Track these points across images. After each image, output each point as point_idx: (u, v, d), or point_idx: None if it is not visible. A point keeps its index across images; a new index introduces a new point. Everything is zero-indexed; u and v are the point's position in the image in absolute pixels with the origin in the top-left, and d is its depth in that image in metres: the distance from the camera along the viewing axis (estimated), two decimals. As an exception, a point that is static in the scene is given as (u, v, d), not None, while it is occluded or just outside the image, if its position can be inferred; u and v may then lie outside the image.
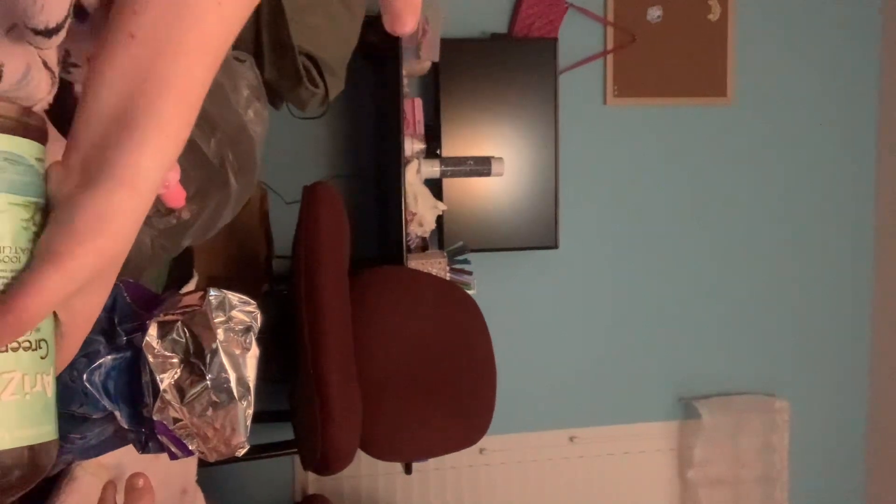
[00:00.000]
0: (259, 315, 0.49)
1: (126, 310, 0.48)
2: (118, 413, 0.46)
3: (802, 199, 2.65)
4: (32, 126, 0.35)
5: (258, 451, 1.86)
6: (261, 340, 0.48)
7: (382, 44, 2.04)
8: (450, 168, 2.07)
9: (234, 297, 0.47)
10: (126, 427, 0.47)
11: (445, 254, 2.05)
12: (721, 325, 2.63)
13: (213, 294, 0.46)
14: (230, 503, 2.27)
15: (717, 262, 2.61)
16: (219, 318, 0.46)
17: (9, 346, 0.32)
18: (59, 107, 0.43)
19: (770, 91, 2.59)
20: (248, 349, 0.47)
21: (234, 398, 0.46)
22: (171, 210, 0.69)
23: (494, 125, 2.23)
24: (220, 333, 0.45)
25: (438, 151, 2.18)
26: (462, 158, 2.09)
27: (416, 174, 2.01)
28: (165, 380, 0.44)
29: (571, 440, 2.53)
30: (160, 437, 0.46)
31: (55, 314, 0.36)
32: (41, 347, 0.34)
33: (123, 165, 0.32)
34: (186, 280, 1.19)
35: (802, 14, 2.59)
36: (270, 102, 1.39)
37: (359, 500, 2.36)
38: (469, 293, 1.92)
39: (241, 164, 0.78)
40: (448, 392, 1.76)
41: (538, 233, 2.27)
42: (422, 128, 2.10)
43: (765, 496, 2.61)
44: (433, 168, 2.05)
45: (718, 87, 2.53)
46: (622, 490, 2.58)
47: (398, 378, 1.71)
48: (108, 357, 0.46)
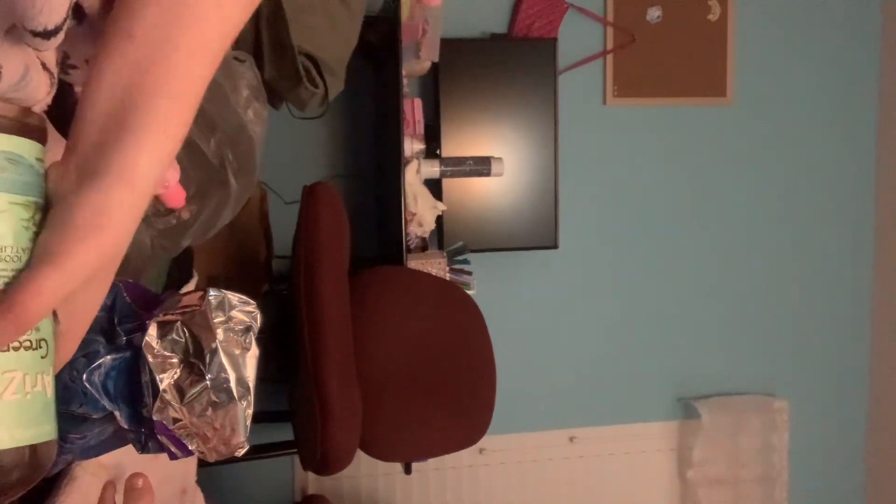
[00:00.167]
0: (259, 315, 0.49)
1: (126, 310, 0.48)
2: (118, 413, 0.46)
3: (802, 199, 2.65)
4: (32, 126, 0.35)
5: (258, 452, 1.86)
6: (260, 340, 0.48)
7: (382, 44, 2.04)
8: (449, 168, 2.07)
9: (234, 297, 0.47)
10: (126, 427, 0.47)
11: (445, 254, 2.05)
12: (721, 325, 2.63)
13: (213, 294, 0.46)
14: (230, 503, 2.27)
15: (717, 262, 2.61)
16: (218, 318, 0.46)
17: (10, 346, 0.32)
18: (59, 108, 0.43)
19: (770, 91, 2.59)
20: (248, 349, 0.47)
21: (234, 398, 0.46)
22: (171, 210, 0.69)
23: (494, 125, 2.23)
24: (220, 333, 0.45)
25: (438, 151, 2.18)
26: (462, 158, 2.09)
27: (416, 174, 2.01)
28: (165, 380, 0.44)
29: (571, 440, 2.53)
30: (160, 437, 0.46)
31: (54, 313, 0.36)
32: (41, 347, 0.34)
33: (121, 163, 0.33)
34: (186, 280, 1.19)
35: (802, 14, 2.59)
36: (270, 102, 1.39)
37: (358, 500, 2.36)
38: (469, 293, 1.92)
39: (241, 164, 0.78)
40: (448, 392, 1.76)
41: (538, 233, 2.27)
42: (421, 128, 2.10)
43: (764, 496, 2.61)
44: (433, 168, 2.05)
45: (718, 88, 2.53)
46: (622, 490, 2.58)
47: (398, 378, 1.71)
48: (108, 357, 0.46)
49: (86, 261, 0.32)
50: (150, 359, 0.44)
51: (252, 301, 0.48)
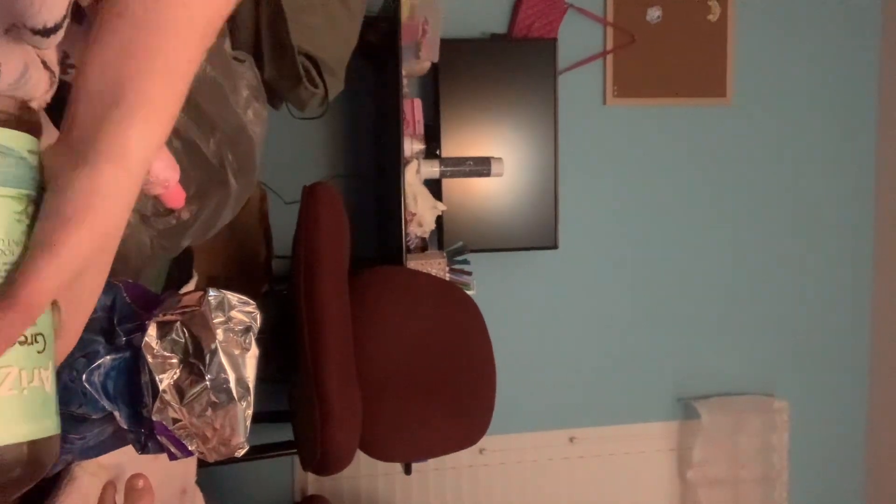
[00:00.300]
0: (258, 315, 0.49)
1: (125, 310, 0.48)
2: (117, 413, 0.46)
3: (802, 200, 2.65)
4: (24, 118, 0.35)
5: (258, 452, 1.86)
6: (260, 341, 0.48)
7: (382, 44, 2.04)
8: (449, 168, 2.07)
9: (234, 298, 0.47)
10: (125, 427, 0.47)
11: (445, 254, 2.05)
12: (720, 325, 2.63)
13: (213, 294, 0.46)
14: (230, 503, 2.27)
15: (717, 262, 2.61)
16: (218, 319, 0.46)
17: None
18: (60, 106, 0.43)
19: (770, 91, 2.59)
20: (248, 349, 0.47)
21: (234, 398, 0.46)
22: (171, 210, 0.69)
23: (494, 125, 2.23)
24: (220, 334, 0.45)
25: (438, 152, 2.18)
26: (461, 159, 2.09)
27: (416, 174, 2.00)
28: (165, 380, 0.44)
29: (571, 440, 2.53)
30: (159, 438, 0.46)
31: (55, 304, 0.36)
32: (38, 342, 0.34)
33: (111, 142, 0.32)
34: (186, 280, 1.19)
35: (802, 14, 2.59)
36: (270, 103, 1.39)
37: (358, 501, 2.36)
38: (468, 293, 1.92)
39: (241, 165, 0.78)
40: (448, 392, 1.76)
41: (538, 233, 2.27)
42: (421, 128, 2.10)
43: (764, 496, 2.61)
44: (433, 168, 2.05)
45: (718, 88, 2.53)
46: (622, 490, 2.58)
47: (398, 378, 1.71)
48: (108, 357, 0.46)
49: (81, 246, 0.32)
50: (150, 359, 0.44)
51: (252, 301, 0.48)
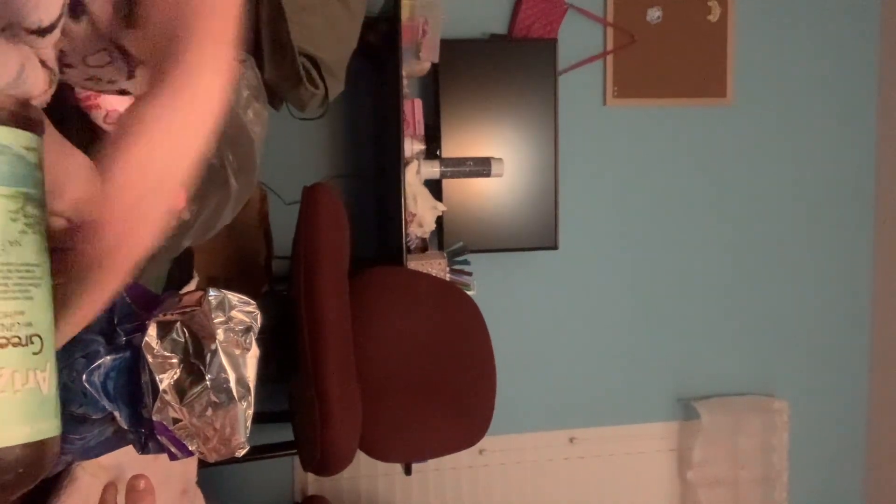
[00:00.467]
0: (259, 315, 0.48)
1: (125, 310, 0.48)
2: (118, 413, 0.46)
3: (802, 200, 2.65)
4: (21, 115, 0.34)
5: (258, 452, 1.86)
6: (260, 341, 0.48)
7: (382, 44, 2.04)
8: (449, 169, 2.07)
9: (234, 298, 0.47)
10: (126, 427, 0.47)
11: (445, 254, 2.05)
12: (720, 326, 2.63)
13: (213, 294, 0.46)
14: (230, 504, 2.27)
15: (717, 263, 2.61)
16: (218, 319, 0.46)
17: None
18: (59, 105, 0.43)
19: (770, 92, 2.59)
20: (248, 349, 0.47)
21: (234, 398, 0.46)
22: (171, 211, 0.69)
23: (494, 126, 2.23)
24: (220, 334, 0.45)
25: (438, 152, 2.18)
26: (462, 159, 2.09)
27: (416, 175, 2.00)
28: (165, 380, 0.44)
29: (571, 441, 2.53)
30: (160, 438, 0.46)
31: (54, 298, 0.36)
32: (33, 343, 0.33)
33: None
34: (186, 281, 1.19)
35: (802, 15, 2.59)
36: (270, 103, 1.39)
37: (358, 501, 2.36)
38: (469, 294, 1.92)
39: (241, 165, 0.78)
40: (448, 392, 1.76)
41: (538, 233, 2.27)
42: (421, 128, 2.10)
43: (764, 496, 2.60)
44: (433, 169, 2.05)
45: (718, 88, 2.53)
46: (622, 491, 2.58)
47: (398, 379, 1.71)
48: (108, 357, 0.45)
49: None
50: (150, 359, 0.44)
51: (252, 301, 0.48)
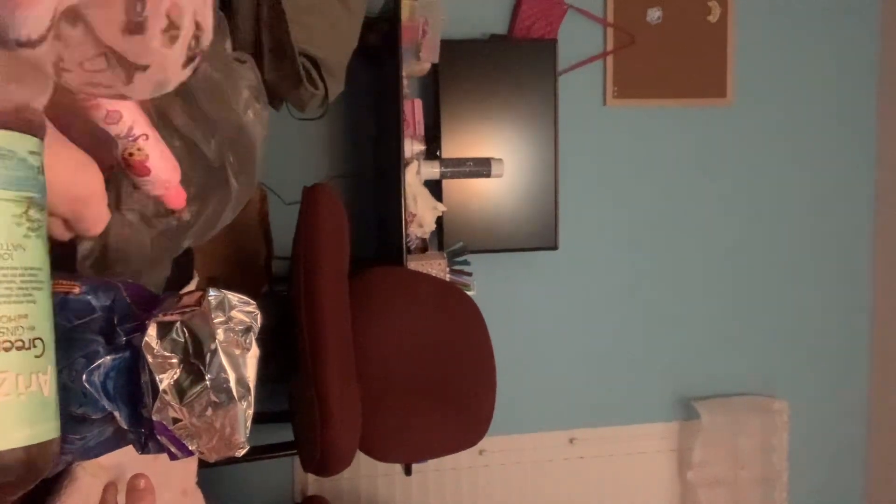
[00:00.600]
0: (259, 315, 0.48)
1: (125, 310, 0.48)
2: (117, 413, 0.46)
3: (802, 200, 2.65)
4: (25, 119, 0.34)
5: (258, 452, 1.86)
6: (260, 341, 0.48)
7: (382, 45, 2.04)
8: (449, 169, 2.07)
9: (234, 297, 0.47)
10: (125, 427, 0.47)
11: (445, 255, 2.05)
12: (720, 326, 2.63)
13: (213, 294, 0.46)
14: (230, 504, 2.27)
15: (716, 263, 2.61)
16: (218, 319, 0.46)
17: (0, 346, 0.32)
18: (54, 108, 0.43)
19: (770, 92, 2.59)
20: (248, 349, 0.47)
21: (234, 398, 0.46)
22: (172, 211, 0.69)
23: (494, 126, 2.23)
24: (220, 333, 0.45)
25: (438, 152, 2.18)
26: (462, 160, 2.09)
27: (416, 175, 2.01)
28: (165, 380, 0.44)
29: (571, 441, 2.53)
30: (160, 438, 0.46)
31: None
32: (36, 346, 0.34)
33: None
34: (186, 281, 1.19)
35: (802, 15, 2.59)
36: (270, 103, 1.39)
37: (358, 501, 2.36)
38: (469, 294, 1.92)
39: (241, 165, 0.78)
40: (448, 393, 1.76)
41: (538, 234, 2.27)
42: (421, 129, 2.10)
43: (764, 497, 2.60)
44: (433, 169, 2.05)
45: (718, 89, 2.53)
46: (622, 491, 2.58)
47: (397, 379, 1.71)
48: (108, 357, 0.45)
49: None
50: (150, 359, 0.44)
51: (252, 301, 0.48)
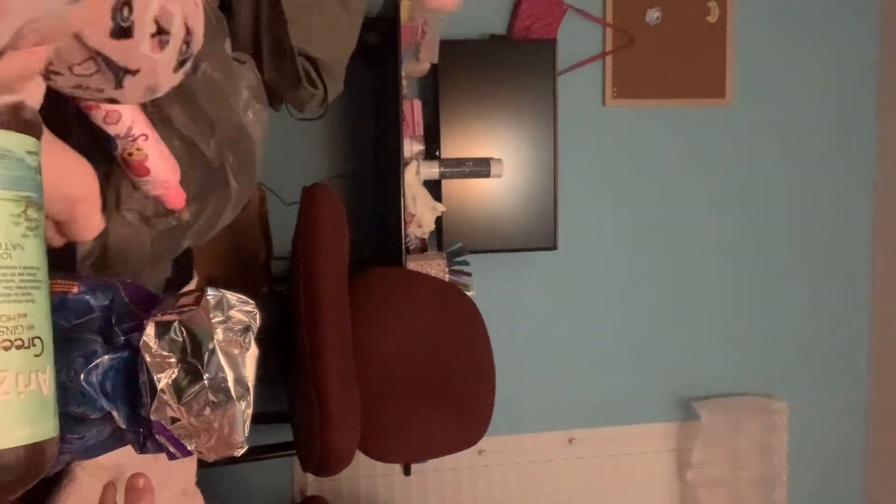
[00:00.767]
0: (258, 314, 0.48)
1: (124, 310, 0.48)
2: (116, 413, 0.46)
3: (801, 200, 2.65)
4: (22, 120, 0.34)
5: (257, 453, 1.86)
6: (260, 341, 0.48)
7: (381, 45, 2.04)
8: (449, 169, 2.07)
9: (233, 297, 0.47)
10: (124, 427, 0.47)
11: (444, 255, 2.05)
12: (720, 326, 2.63)
13: (211, 294, 0.46)
14: (229, 504, 2.27)
15: (716, 263, 2.61)
16: (217, 318, 0.46)
17: (0, 345, 0.32)
18: (57, 107, 0.43)
19: (769, 93, 2.59)
20: (247, 349, 0.47)
21: (232, 398, 0.46)
22: (172, 211, 0.69)
23: (493, 126, 2.23)
24: (219, 333, 0.45)
25: (437, 153, 2.18)
26: (461, 160, 2.09)
27: (415, 175, 2.01)
28: (163, 379, 0.44)
29: (570, 441, 2.53)
30: (158, 437, 0.46)
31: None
32: (35, 345, 0.34)
33: None
34: (186, 281, 1.19)
35: (801, 16, 2.59)
36: (270, 104, 1.39)
37: (357, 502, 2.36)
38: (468, 294, 1.92)
39: (241, 165, 0.78)
40: (447, 393, 1.76)
41: (537, 234, 2.27)
42: (421, 129, 2.10)
43: (764, 497, 2.60)
44: (432, 169, 2.05)
45: (717, 89, 2.53)
46: (621, 491, 2.58)
47: (397, 379, 1.71)
48: (106, 357, 0.45)
49: None
50: (148, 358, 0.44)
51: (251, 300, 0.48)
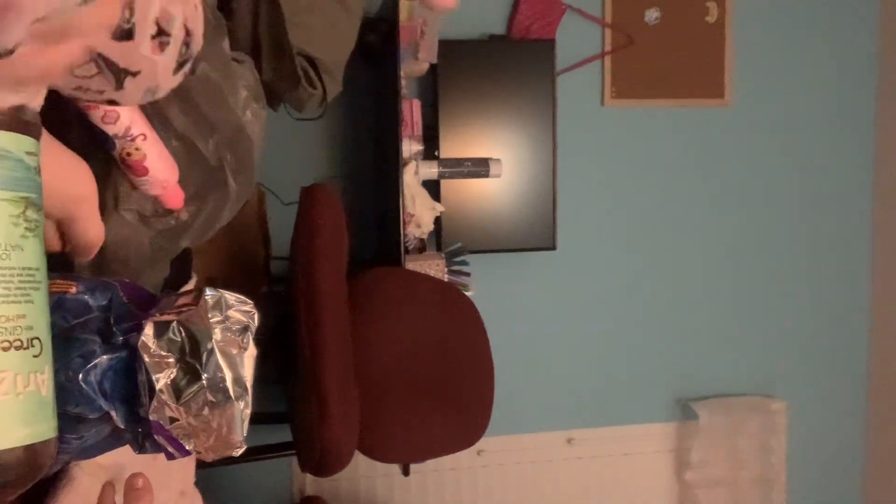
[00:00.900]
0: (256, 314, 0.48)
1: (122, 309, 0.48)
2: (114, 413, 0.46)
3: (800, 200, 2.65)
4: (21, 120, 0.34)
5: (256, 453, 1.86)
6: (259, 342, 0.48)
7: (380, 45, 2.04)
8: (448, 169, 2.07)
9: (231, 297, 0.47)
10: (122, 427, 0.47)
11: (443, 255, 2.05)
12: (719, 326, 2.63)
13: (210, 293, 0.46)
14: (228, 505, 2.27)
15: (715, 264, 2.61)
16: (215, 318, 0.46)
17: None
18: (55, 107, 0.43)
19: (768, 93, 2.59)
20: (246, 348, 0.47)
21: (231, 398, 0.46)
22: (170, 211, 0.69)
23: (492, 126, 2.23)
24: (217, 333, 0.45)
25: (436, 153, 2.18)
26: (460, 160, 2.09)
27: (414, 175, 2.01)
28: (161, 379, 0.44)
29: (569, 441, 2.53)
30: (156, 437, 0.46)
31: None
32: (34, 346, 0.34)
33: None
34: (185, 281, 1.19)
35: (800, 16, 2.59)
36: (268, 103, 1.38)
37: (357, 502, 2.36)
38: (467, 294, 1.92)
39: (240, 165, 0.78)
40: (446, 393, 1.76)
41: (536, 234, 2.27)
42: (420, 129, 2.10)
43: (763, 497, 2.60)
44: (431, 169, 2.05)
45: (716, 89, 2.53)
46: (620, 492, 2.58)
47: (396, 379, 1.71)
48: (104, 357, 0.45)
49: None
50: (147, 358, 0.44)
51: (249, 300, 0.48)
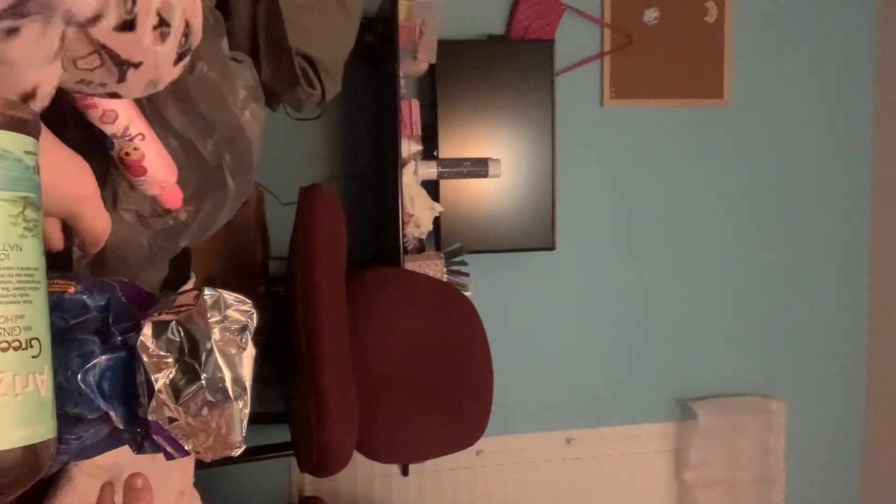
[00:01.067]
0: (255, 314, 0.48)
1: (121, 309, 0.47)
2: (113, 413, 0.46)
3: (799, 200, 2.66)
4: (19, 119, 0.34)
5: (255, 453, 1.86)
6: (257, 342, 0.48)
7: (379, 45, 2.04)
8: (447, 169, 2.07)
9: (230, 297, 0.47)
10: (121, 427, 0.47)
11: (442, 255, 2.05)
12: (718, 326, 2.63)
13: (208, 293, 0.46)
14: (227, 505, 2.27)
15: (714, 264, 2.61)
16: (214, 318, 0.45)
17: None
18: (54, 106, 0.43)
19: (767, 93, 2.59)
20: (244, 348, 0.47)
21: (230, 398, 0.46)
22: (169, 211, 0.69)
23: (491, 127, 2.23)
24: (216, 332, 0.45)
25: (435, 153, 2.18)
26: (459, 160, 2.09)
27: (413, 175, 2.00)
28: (160, 379, 0.44)
29: (568, 442, 2.53)
30: (155, 437, 0.46)
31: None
32: (32, 346, 0.34)
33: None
34: (183, 282, 1.19)
35: (799, 16, 2.60)
36: (267, 103, 1.38)
37: (355, 502, 2.36)
38: (466, 294, 1.92)
39: (238, 165, 0.78)
40: (445, 393, 1.76)
41: (535, 234, 2.27)
42: (419, 129, 2.10)
43: (762, 497, 2.61)
44: (430, 169, 2.05)
45: (715, 89, 2.53)
46: (619, 492, 2.58)
47: (395, 379, 1.71)
48: (103, 357, 0.45)
49: None
50: (145, 358, 0.44)
51: (248, 300, 0.48)
